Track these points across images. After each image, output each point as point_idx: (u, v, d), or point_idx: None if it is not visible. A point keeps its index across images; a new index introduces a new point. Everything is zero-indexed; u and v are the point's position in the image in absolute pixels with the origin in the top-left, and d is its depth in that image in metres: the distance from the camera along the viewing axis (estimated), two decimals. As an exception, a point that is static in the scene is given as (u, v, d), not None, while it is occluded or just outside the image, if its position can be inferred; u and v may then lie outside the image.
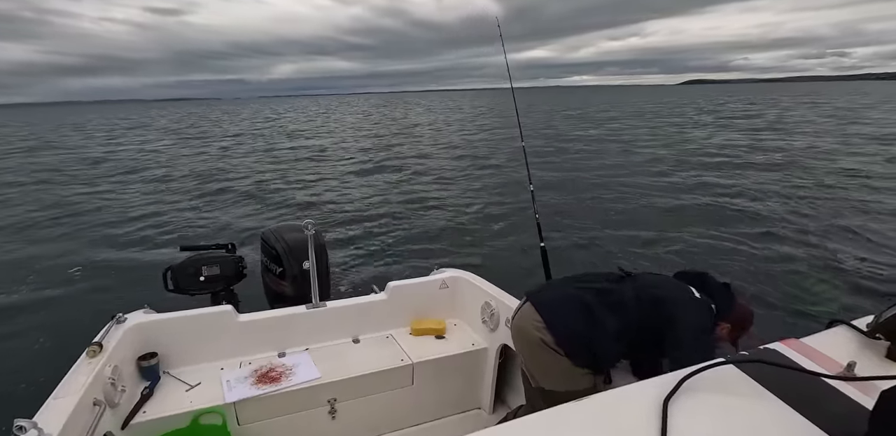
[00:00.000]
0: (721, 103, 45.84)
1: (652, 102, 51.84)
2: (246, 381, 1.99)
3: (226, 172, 12.13)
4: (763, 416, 0.76)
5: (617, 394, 0.84)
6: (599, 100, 65.54)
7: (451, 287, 2.57)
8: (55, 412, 1.40)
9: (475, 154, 14.73)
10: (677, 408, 0.76)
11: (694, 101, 54.23)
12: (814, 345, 0.95)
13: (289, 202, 8.87)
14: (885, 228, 6.62)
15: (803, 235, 6.41)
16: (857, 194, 8.53)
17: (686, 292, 1.51)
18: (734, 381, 0.84)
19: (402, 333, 2.45)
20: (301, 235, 2.38)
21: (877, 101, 42.25)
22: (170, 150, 18.12)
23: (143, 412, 1.79)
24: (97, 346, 1.76)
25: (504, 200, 8.73)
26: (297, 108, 65.60)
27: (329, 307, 2.33)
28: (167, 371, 2.06)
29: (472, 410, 2.42)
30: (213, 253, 2.80)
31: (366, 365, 2.13)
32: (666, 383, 0.82)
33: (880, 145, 14.50)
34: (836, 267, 5.28)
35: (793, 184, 9.44)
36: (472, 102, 64.19)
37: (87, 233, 6.97)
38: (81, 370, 1.65)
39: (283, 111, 55.36)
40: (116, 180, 11.48)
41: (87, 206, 8.70)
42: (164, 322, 2.08)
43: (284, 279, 2.72)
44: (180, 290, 2.69)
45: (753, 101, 49.97)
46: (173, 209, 8.35)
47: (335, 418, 2.08)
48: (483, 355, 2.33)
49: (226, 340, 2.16)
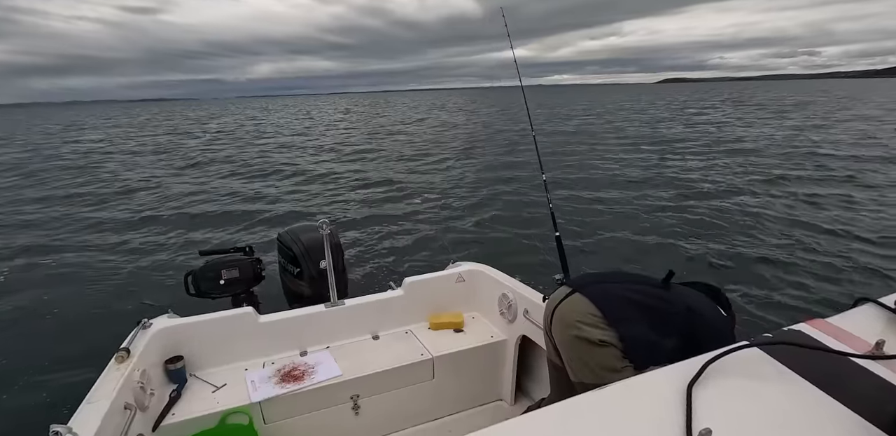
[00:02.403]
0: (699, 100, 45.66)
1: (631, 100, 52.10)
2: (270, 380, 2.02)
3: (241, 175, 12.27)
4: (791, 398, 0.75)
5: (640, 380, 0.83)
6: (583, 99, 66.45)
7: (467, 280, 2.57)
8: (88, 417, 1.43)
9: (485, 147, 14.68)
10: (702, 393, 0.75)
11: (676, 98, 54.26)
12: (840, 324, 0.93)
13: (301, 203, 8.94)
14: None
15: (821, 212, 6.29)
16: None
17: (717, 310, 1.49)
18: (759, 364, 0.82)
19: (421, 327, 2.46)
20: (316, 235, 2.40)
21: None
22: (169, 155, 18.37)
23: (172, 414, 1.83)
24: (125, 351, 1.80)
25: (516, 190, 8.69)
26: (290, 107, 66.05)
27: (347, 305, 2.35)
28: (193, 374, 2.10)
29: (493, 402, 2.43)
30: (231, 256, 2.84)
31: (386, 361, 2.15)
32: (689, 368, 0.81)
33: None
34: (859, 245, 5.16)
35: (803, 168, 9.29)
36: (462, 100, 64.31)
37: (109, 239, 7.12)
38: (111, 376, 1.68)
39: (272, 108, 55.45)
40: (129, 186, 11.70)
41: (107, 213, 8.89)
42: (188, 326, 2.12)
43: (302, 279, 2.75)
44: (201, 293, 2.74)
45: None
46: (189, 214, 8.47)
47: (358, 413, 2.10)
48: (502, 346, 2.33)
49: (248, 341, 2.19)
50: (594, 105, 43.89)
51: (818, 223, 6.10)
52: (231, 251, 2.91)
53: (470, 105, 49.68)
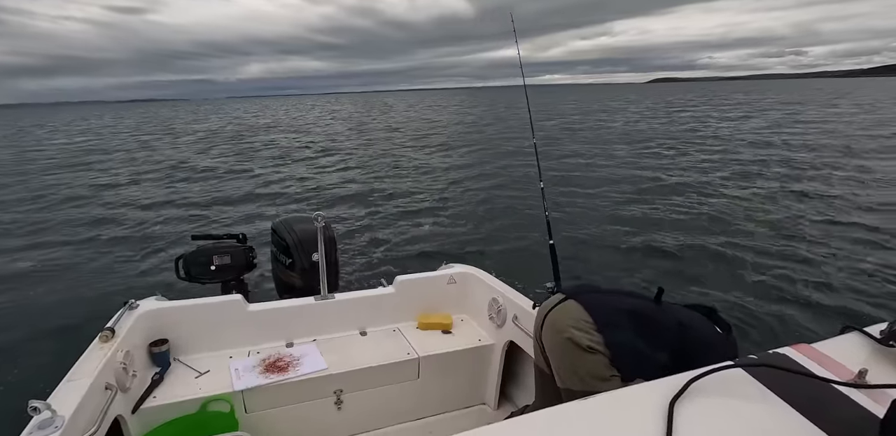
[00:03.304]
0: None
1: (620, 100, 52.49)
2: (254, 370, 2.01)
3: (238, 165, 12.23)
4: (770, 420, 0.76)
5: (624, 393, 0.84)
6: (573, 97, 66.70)
7: (458, 282, 2.57)
8: (68, 395, 1.43)
9: (484, 150, 14.70)
10: (684, 409, 0.76)
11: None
12: (825, 351, 0.94)
13: (297, 195, 8.92)
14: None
15: (814, 236, 6.33)
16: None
17: (712, 327, 1.50)
18: (742, 384, 0.84)
19: (409, 327, 2.46)
20: (311, 228, 2.40)
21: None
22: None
23: (154, 397, 1.82)
24: (109, 331, 1.79)
25: (513, 196, 8.71)
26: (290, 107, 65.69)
27: (337, 299, 2.35)
28: (177, 358, 2.09)
29: (476, 405, 2.43)
30: (224, 243, 2.83)
31: (372, 358, 2.15)
32: (673, 384, 0.82)
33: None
34: (850, 272, 5.21)
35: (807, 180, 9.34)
36: (463, 100, 64.35)
37: (101, 219, 7.08)
38: (94, 355, 1.68)
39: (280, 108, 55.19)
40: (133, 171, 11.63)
41: (104, 196, 8.84)
42: (176, 310, 2.11)
43: (294, 270, 2.74)
44: (192, 278, 2.72)
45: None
46: (184, 198, 8.43)
47: (341, 408, 2.10)
48: (489, 351, 2.34)
49: (235, 329, 2.18)
50: (581, 105, 43.85)
51: (813, 247, 6.16)
52: (224, 238, 2.89)
53: (471, 106, 49.69)
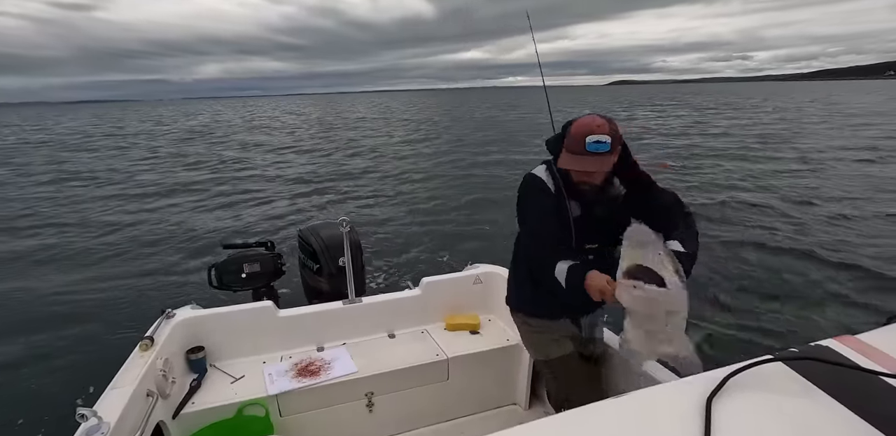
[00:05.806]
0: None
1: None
2: (287, 374, 2.05)
3: (256, 170, 12.49)
4: (816, 416, 0.73)
5: (657, 391, 0.81)
6: (540, 99, 65.76)
7: (484, 282, 2.56)
8: (113, 402, 1.48)
9: (502, 150, 14.63)
10: (722, 407, 0.73)
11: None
12: (871, 342, 0.90)
13: (323, 201, 9.05)
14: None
15: (861, 228, 6.07)
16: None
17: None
18: (783, 379, 0.80)
19: (437, 328, 2.47)
20: (337, 233, 2.43)
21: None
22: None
23: (192, 403, 1.87)
24: (149, 340, 1.86)
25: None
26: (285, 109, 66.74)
27: (365, 303, 2.37)
28: (213, 364, 2.15)
29: (507, 405, 2.42)
30: (253, 251, 2.90)
31: (401, 360, 2.16)
32: (709, 380, 0.79)
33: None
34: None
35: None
36: (462, 100, 63.93)
37: (136, 233, 7.33)
38: (135, 363, 1.74)
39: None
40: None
41: (137, 210, 9.16)
42: (210, 317, 2.17)
43: (321, 276, 2.78)
44: (224, 286, 2.80)
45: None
46: (212, 209, 8.66)
47: (372, 411, 2.12)
48: (518, 350, 2.32)
49: (267, 334, 2.23)
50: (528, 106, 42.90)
51: (857, 237, 5.91)
52: (253, 246, 2.96)
53: (469, 106, 49.34)
